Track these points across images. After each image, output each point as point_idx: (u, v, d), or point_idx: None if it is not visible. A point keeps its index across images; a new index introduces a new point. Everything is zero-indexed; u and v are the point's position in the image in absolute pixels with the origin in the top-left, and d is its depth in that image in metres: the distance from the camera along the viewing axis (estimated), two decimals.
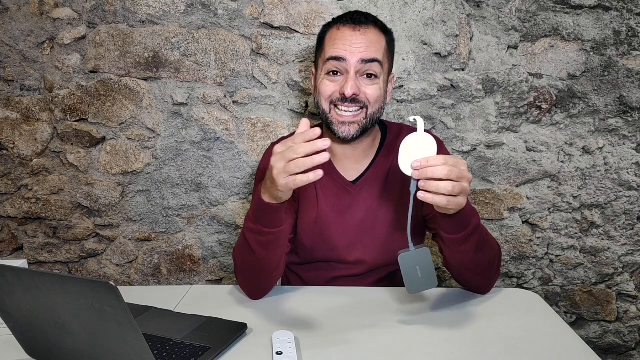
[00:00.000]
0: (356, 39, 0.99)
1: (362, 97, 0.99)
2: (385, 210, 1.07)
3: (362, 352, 0.81)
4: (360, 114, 1.00)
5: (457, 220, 0.86)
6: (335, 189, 1.08)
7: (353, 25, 1.00)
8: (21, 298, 0.69)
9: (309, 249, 1.10)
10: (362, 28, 1.00)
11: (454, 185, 0.77)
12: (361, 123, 1.01)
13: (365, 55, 0.98)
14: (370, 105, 1.00)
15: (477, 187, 1.60)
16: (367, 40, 0.99)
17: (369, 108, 1.00)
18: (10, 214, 1.64)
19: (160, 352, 0.78)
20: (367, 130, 1.03)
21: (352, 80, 0.97)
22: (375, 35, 1.01)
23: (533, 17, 1.48)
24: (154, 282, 1.70)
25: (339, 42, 0.99)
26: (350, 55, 0.98)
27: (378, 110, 1.02)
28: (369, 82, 1.00)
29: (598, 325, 1.71)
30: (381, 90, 1.02)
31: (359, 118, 1.00)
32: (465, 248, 0.90)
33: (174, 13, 1.49)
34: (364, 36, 0.99)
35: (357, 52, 0.98)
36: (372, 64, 0.98)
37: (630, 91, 1.51)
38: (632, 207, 1.59)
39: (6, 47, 1.53)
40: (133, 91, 1.54)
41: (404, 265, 0.85)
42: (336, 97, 1.00)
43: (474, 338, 0.85)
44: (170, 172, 1.60)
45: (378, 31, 1.02)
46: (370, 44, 0.99)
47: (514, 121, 1.54)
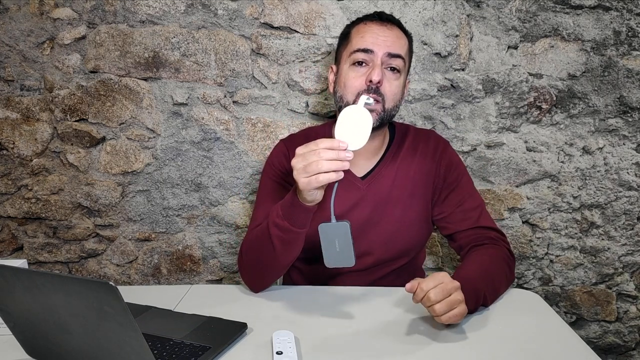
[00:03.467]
0: (384, 32, 1.04)
1: (383, 89, 1.03)
2: (392, 206, 1.08)
3: (362, 352, 0.81)
4: (378, 105, 1.03)
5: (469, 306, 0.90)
6: (344, 184, 1.09)
7: (381, 22, 1.06)
8: (21, 298, 0.69)
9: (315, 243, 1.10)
10: (389, 25, 1.06)
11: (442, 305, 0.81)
12: (379, 113, 1.04)
13: (392, 49, 1.03)
14: (387, 100, 1.04)
15: (477, 187, 1.60)
16: (394, 36, 1.04)
17: (386, 102, 1.04)
18: (10, 214, 1.64)
19: (160, 352, 0.78)
20: (383, 124, 1.07)
21: (379, 67, 1.02)
22: (399, 34, 1.07)
23: (533, 17, 1.48)
24: (154, 282, 1.70)
25: (368, 34, 1.04)
26: (378, 47, 1.02)
27: (394, 107, 1.06)
28: (392, 76, 1.04)
29: (598, 325, 1.71)
30: (400, 87, 1.06)
31: (377, 108, 1.03)
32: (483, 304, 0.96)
33: (174, 13, 1.49)
34: (391, 32, 1.05)
35: (384, 46, 1.02)
36: (397, 59, 1.03)
37: (630, 91, 1.51)
38: (632, 207, 1.59)
39: (6, 47, 1.53)
40: (133, 91, 1.54)
41: (323, 237, 0.87)
42: (363, 88, 1.03)
43: (474, 338, 0.85)
44: (170, 172, 1.60)
45: (401, 32, 1.08)
46: (396, 40, 1.04)
47: (514, 121, 1.54)
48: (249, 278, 1.05)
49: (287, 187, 1.13)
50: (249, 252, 1.04)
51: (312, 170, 0.81)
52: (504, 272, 1.02)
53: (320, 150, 0.81)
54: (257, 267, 1.03)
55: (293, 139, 1.20)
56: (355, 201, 1.09)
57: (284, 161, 1.15)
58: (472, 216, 1.06)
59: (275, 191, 1.12)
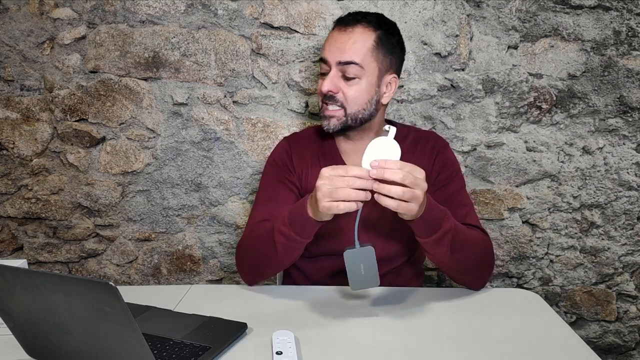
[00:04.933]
0: (340, 39, 1.03)
1: (340, 96, 1.04)
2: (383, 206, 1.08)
3: (362, 352, 0.81)
4: (339, 110, 1.05)
5: (423, 225, 0.90)
6: None
7: (340, 27, 1.05)
8: (21, 298, 0.69)
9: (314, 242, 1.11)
10: (349, 28, 1.04)
11: (405, 191, 0.81)
12: (340, 119, 1.05)
13: (342, 58, 1.02)
14: (348, 105, 1.04)
15: (477, 187, 1.60)
16: (350, 41, 1.02)
17: (348, 108, 1.04)
18: (10, 214, 1.64)
19: (160, 352, 0.78)
20: (351, 127, 1.07)
21: (329, 78, 1.03)
22: (359, 35, 1.03)
23: (533, 17, 1.48)
24: (154, 282, 1.70)
25: (327, 43, 1.06)
26: (331, 56, 1.03)
27: (361, 110, 1.05)
28: (348, 83, 1.04)
29: (598, 325, 1.71)
30: (363, 91, 1.04)
31: (339, 114, 1.05)
32: (440, 250, 0.94)
33: (174, 13, 1.49)
34: (348, 37, 1.03)
35: (338, 54, 1.02)
36: (349, 67, 1.02)
37: (630, 91, 1.51)
38: (632, 207, 1.59)
39: (6, 47, 1.53)
40: (133, 91, 1.54)
41: (349, 262, 0.89)
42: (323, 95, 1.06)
43: (474, 338, 0.85)
44: (170, 172, 1.60)
45: (365, 29, 1.03)
46: (352, 45, 1.02)
47: (514, 121, 1.54)
48: (246, 273, 1.08)
49: (288, 185, 1.14)
50: (249, 250, 1.06)
51: (337, 196, 0.82)
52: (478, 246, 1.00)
53: (349, 177, 0.82)
54: (256, 266, 1.06)
55: (296, 137, 1.22)
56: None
57: (286, 159, 1.16)
58: (459, 213, 1.05)
59: (277, 189, 1.13)
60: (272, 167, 1.17)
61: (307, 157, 1.15)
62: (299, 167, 1.15)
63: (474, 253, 0.99)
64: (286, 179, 1.14)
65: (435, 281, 1.70)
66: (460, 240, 0.94)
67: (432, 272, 1.69)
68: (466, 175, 1.59)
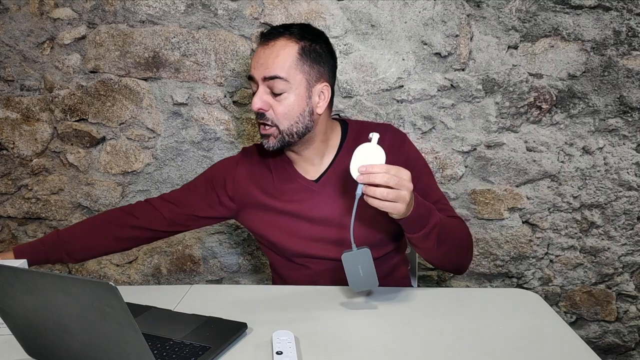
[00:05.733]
0: (263, 54, 1.01)
1: (270, 114, 1.02)
2: (349, 204, 1.07)
3: (362, 352, 0.81)
4: (271, 128, 1.03)
5: (412, 222, 0.92)
6: (298, 190, 1.10)
7: (263, 42, 1.02)
8: (21, 298, 0.69)
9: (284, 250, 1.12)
10: (270, 42, 1.01)
11: (388, 192, 0.84)
12: (276, 136, 1.03)
13: (266, 73, 0.99)
14: (279, 121, 1.02)
15: (477, 187, 1.60)
16: (272, 56, 1.00)
17: (280, 124, 1.02)
18: (10, 214, 1.64)
19: (160, 352, 0.78)
20: (290, 143, 1.05)
21: (258, 96, 1.01)
22: (281, 49, 1.00)
23: (533, 17, 1.48)
24: (154, 282, 1.70)
25: (253, 60, 1.03)
26: (257, 72, 1.01)
27: (294, 124, 1.03)
28: (276, 99, 1.01)
29: (598, 325, 1.71)
30: (293, 105, 1.01)
31: (271, 132, 1.03)
32: (427, 244, 0.96)
33: (174, 13, 1.49)
34: (270, 51, 1.00)
35: (261, 69, 1.00)
36: (274, 81, 0.99)
37: (630, 91, 1.51)
38: (632, 207, 1.59)
39: (6, 47, 1.53)
40: (133, 91, 1.54)
41: (347, 265, 0.91)
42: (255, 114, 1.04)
43: (474, 338, 0.85)
44: (170, 172, 1.60)
45: (287, 42, 1.01)
46: (275, 60, 0.99)
47: (514, 121, 1.55)
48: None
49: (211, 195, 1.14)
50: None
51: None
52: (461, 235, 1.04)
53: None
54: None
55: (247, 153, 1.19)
56: (313, 204, 1.09)
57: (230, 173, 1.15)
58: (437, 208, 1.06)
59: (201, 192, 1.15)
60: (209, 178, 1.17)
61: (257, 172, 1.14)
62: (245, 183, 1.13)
63: (458, 242, 1.03)
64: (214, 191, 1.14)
65: (435, 281, 1.70)
66: (445, 233, 0.97)
67: (432, 272, 1.69)
68: (466, 175, 1.59)
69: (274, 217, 1.11)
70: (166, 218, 1.14)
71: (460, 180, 1.59)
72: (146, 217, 1.14)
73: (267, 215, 1.11)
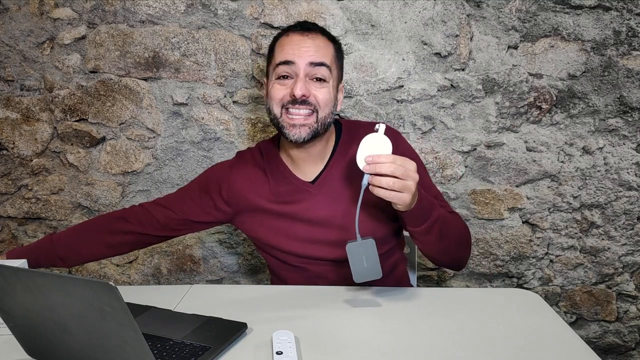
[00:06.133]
0: (305, 43, 1.02)
1: (312, 99, 1.01)
2: (345, 204, 1.08)
3: (362, 352, 0.81)
4: (311, 116, 1.02)
5: (415, 215, 0.93)
6: (295, 192, 1.10)
7: (301, 32, 1.04)
8: (21, 298, 0.69)
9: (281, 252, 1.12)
10: (311, 34, 1.03)
11: (395, 182, 0.85)
12: (312, 126, 1.02)
13: (313, 59, 1.01)
14: (320, 108, 1.02)
15: (477, 187, 1.60)
16: (315, 45, 1.02)
17: (319, 112, 1.02)
18: (10, 214, 1.64)
19: (160, 352, 0.78)
20: (319, 134, 1.05)
21: (302, 81, 1.00)
22: (323, 42, 1.04)
23: (533, 17, 1.48)
24: (154, 282, 1.70)
25: (288, 46, 1.03)
26: (299, 58, 1.01)
27: (328, 114, 1.04)
28: (319, 85, 1.02)
29: (598, 325, 1.71)
30: (330, 95, 1.04)
31: (310, 121, 1.02)
32: (429, 238, 0.97)
33: (174, 13, 1.49)
34: (313, 41, 1.03)
35: (306, 56, 1.01)
36: (321, 68, 1.01)
37: (630, 91, 1.51)
38: (632, 207, 1.59)
39: (6, 47, 1.53)
40: (133, 91, 1.54)
41: (351, 255, 0.92)
42: (287, 100, 1.01)
43: (474, 338, 0.85)
44: (170, 172, 1.60)
45: (326, 39, 1.05)
46: (319, 49, 1.02)
47: (514, 121, 1.55)
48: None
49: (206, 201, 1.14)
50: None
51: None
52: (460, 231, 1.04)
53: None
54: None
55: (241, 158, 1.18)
56: (310, 205, 1.09)
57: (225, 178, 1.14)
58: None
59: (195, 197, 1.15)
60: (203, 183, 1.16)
61: (252, 175, 1.14)
62: (240, 187, 1.13)
63: (458, 237, 1.04)
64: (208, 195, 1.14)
65: (435, 281, 1.70)
66: (446, 227, 0.98)
67: (432, 272, 1.69)
68: (466, 175, 1.59)
69: (270, 220, 1.10)
70: (160, 222, 1.14)
71: (460, 180, 1.59)
72: (139, 221, 1.14)
73: (263, 218, 1.11)
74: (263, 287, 1.12)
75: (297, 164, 1.11)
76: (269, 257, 1.16)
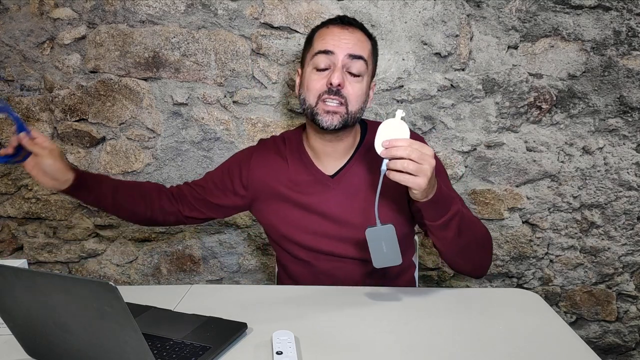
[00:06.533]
0: (345, 35, 1.04)
1: (345, 91, 1.03)
2: (361, 202, 1.08)
3: (362, 352, 0.81)
4: (342, 107, 1.03)
5: (433, 207, 0.93)
6: (314, 184, 1.11)
7: (342, 25, 1.06)
8: (21, 298, 0.69)
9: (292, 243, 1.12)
10: (350, 28, 1.06)
11: (409, 163, 0.85)
12: (342, 115, 1.04)
13: (352, 51, 1.03)
14: (350, 102, 1.04)
15: (477, 187, 1.60)
16: (355, 38, 1.05)
17: (350, 105, 1.04)
18: (10, 214, 1.64)
19: (160, 352, 0.78)
20: (348, 126, 1.06)
21: (339, 71, 1.02)
22: (362, 36, 1.07)
23: (533, 17, 1.48)
24: (154, 282, 1.70)
25: (329, 37, 1.05)
26: (339, 49, 1.02)
27: (359, 109, 1.06)
28: (353, 79, 1.04)
29: (598, 325, 1.71)
30: (363, 90, 1.06)
31: (341, 110, 1.04)
32: (447, 234, 0.96)
33: (174, 13, 1.49)
34: (352, 34, 1.05)
35: (345, 47, 1.03)
36: (358, 61, 1.03)
37: (630, 91, 1.51)
38: (632, 207, 1.59)
39: (6, 47, 1.53)
40: (133, 91, 1.54)
41: (371, 240, 0.93)
42: (323, 90, 1.03)
43: (474, 338, 0.85)
44: (170, 172, 1.60)
45: (364, 34, 1.08)
46: (358, 42, 1.04)
47: (514, 121, 1.55)
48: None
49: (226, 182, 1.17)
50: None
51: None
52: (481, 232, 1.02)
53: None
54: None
55: (264, 145, 1.20)
56: (326, 198, 1.10)
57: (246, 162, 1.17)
58: None
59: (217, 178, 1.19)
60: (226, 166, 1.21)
61: (273, 161, 1.15)
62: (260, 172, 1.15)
63: (478, 238, 1.01)
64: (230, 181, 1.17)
65: (435, 281, 1.70)
66: (465, 224, 0.97)
67: (432, 272, 1.69)
68: (466, 175, 1.59)
69: (285, 209, 1.12)
70: (190, 202, 1.19)
71: (460, 180, 1.59)
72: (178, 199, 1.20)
73: (279, 206, 1.12)
74: (263, 287, 1.12)
75: (319, 157, 1.12)
76: (279, 249, 1.17)
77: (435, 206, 0.93)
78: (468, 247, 1.00)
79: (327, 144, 1.10)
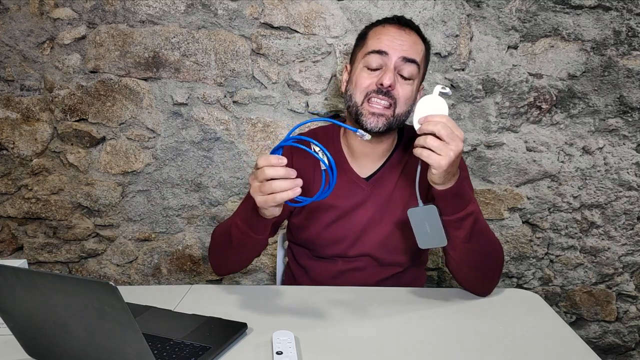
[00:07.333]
0: (401, 37, 1.02)
1: (395, 93, 1.01)
2: (393, 208, 1.08)
3: (363, 352, 0.81)
4: (389, 109, 1.01)
5: (451, 199, 0.91)
6: (348, 185, 1.09)
7: (399, 25, 1.04)
8: (21, 298, 0.69)
9: (317, 244, 1.11)
10: (407, 30, 1.03)
11: (434, 140, 0.84)
12: (388, 118, 1.02)
13: (407, 54, 1.00)
14: (399, 104, 1.02)
15: (478, 187, 1.60)
16: (411, 41, 1.02)
17: (398, 107, 1.02)
18: (10, 214, 1.64)
19: (160, 352, 0.78)
20: (392, 129, 1.04)
21: (391, 72, 1.00)
22: (417, 39, 1.04)
23: (533, 17, 1.48)
24: (154, 282, 1.70)
25: (384, 36, 1.02)
26: (393, 50, 1.00)
27: (405, 112, 1.04)
28: (404, 82, 1.02)
29: (598, 325, 1.71)
30: (412, 93, 1.03)
31: (388, 113, 1.01)
32: (459, 233, 0.93)
33: (174, 13, 1.49)
34: (409, 36, 1.02)
35: (400, 49, 1.00)
36: (411, 65, 1.01)
37: (630, 91, 1.51)
38: (632, 207, 1.59)
39: (6, 47, 1.53)
40: (133, 91, 1.54)
41: (414, 220, 0.93)
42: (372, 89, 1.01)
43: (474, 338, 0.85)
44: (170, 172, 1.60)
45: (419, 37, 1.05)
46: (413, 45, 1.02)
47: (514, 121, 1.55)
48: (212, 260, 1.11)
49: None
50: (215, 237, 1.08)
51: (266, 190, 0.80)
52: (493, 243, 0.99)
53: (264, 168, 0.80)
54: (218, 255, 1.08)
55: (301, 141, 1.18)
56: (359, 201, 1.09)
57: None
58: None
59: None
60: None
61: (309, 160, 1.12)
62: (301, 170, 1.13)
63: (488, 249, 0.98)
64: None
65: (435, 281, 1.70)
66: (478, 229, 0.94)
67: (432, 272, 1.69)
68: None
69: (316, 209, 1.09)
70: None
71: None
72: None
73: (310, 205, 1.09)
74: (263, 287, 1.12)
75: (356, 157, 1.11)
76: (298, 248, 1.15)
77: (453, 199, 0.90)
78: (477, 255, 0.97)
79: (366, 145, 1.07)
